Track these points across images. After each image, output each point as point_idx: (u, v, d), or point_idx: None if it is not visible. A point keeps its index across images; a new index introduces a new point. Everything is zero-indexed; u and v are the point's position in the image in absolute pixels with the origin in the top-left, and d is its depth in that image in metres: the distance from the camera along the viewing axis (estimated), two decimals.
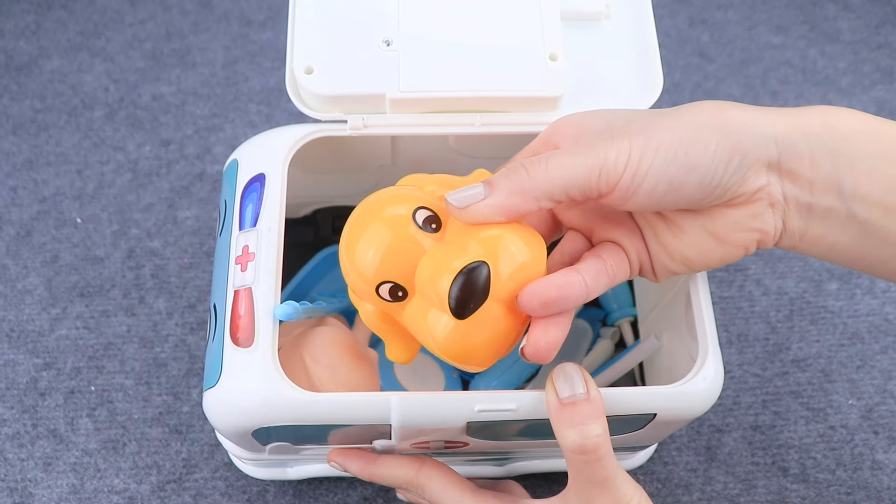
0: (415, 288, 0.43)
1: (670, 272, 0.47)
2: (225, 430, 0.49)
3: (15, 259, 0.75)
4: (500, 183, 0.42)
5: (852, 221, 0.43)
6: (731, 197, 0.42)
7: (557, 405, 0.45)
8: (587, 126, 0.46)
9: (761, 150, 0.41)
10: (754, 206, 0.43)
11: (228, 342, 0.47)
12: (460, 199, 0.42)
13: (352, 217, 0.45)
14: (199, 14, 0.89)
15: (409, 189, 0.45)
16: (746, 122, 0.41)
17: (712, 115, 0.41)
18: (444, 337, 0.42)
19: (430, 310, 0.43)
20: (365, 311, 0.46)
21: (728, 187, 0.42)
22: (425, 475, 0.52)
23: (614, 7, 0.58)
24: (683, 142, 0.41)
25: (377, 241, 0.43)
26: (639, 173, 0.41)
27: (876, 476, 0.69)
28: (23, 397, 0.70)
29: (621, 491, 0.46)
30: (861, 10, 0.93)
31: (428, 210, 0.44)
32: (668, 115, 0.42)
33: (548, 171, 0.42)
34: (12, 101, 0.84)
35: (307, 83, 0.52)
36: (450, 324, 0.42)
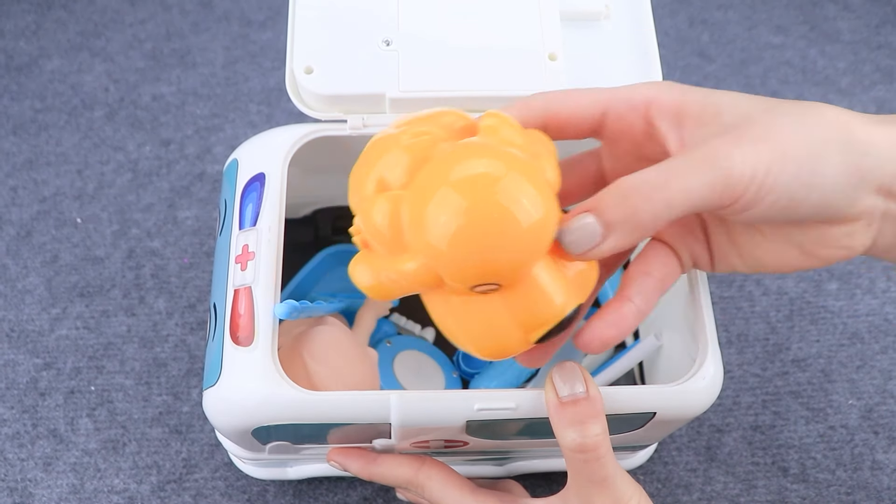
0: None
1: (732, 269, 0.45)
2: (225, 430, 0.49)
3: (15, 259, 0.75)
4: (616, 219, 0.38)
5: None
6: (834, 216, 0.40)
7: (557, 404, 0.45)
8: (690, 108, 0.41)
9: (878, 174, 0.39)
10: (853, 225, 0.41)
11: (228, 341, 0.47)
12: (576, 243, 0.39)
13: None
14: (199, 14, 0.89)
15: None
16: (870, 140, 0.39)
17: (838, 128, 0.39)
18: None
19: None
20: None
21: (839, 208, 0.40)
22: (425, 475, 0.52)
23: (614, 7, 0.58)
24: (811, 157, 0.38)
25: None
26: (764, 187, 0.38)
27: (876, 476, 0.69)
28: (23, 397, 0.70)
29: (620, 490, 0.46)
30: (861, 10, 0.93)
31: None
32: (790, 117, 0.39)
33: (669, 198, 0.38)
34: (12, 101, 0.84)
35: (307, 83, 0.52)
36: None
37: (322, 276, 0.68)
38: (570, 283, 0.40)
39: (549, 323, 0.39)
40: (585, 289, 0.40)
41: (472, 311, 0.40)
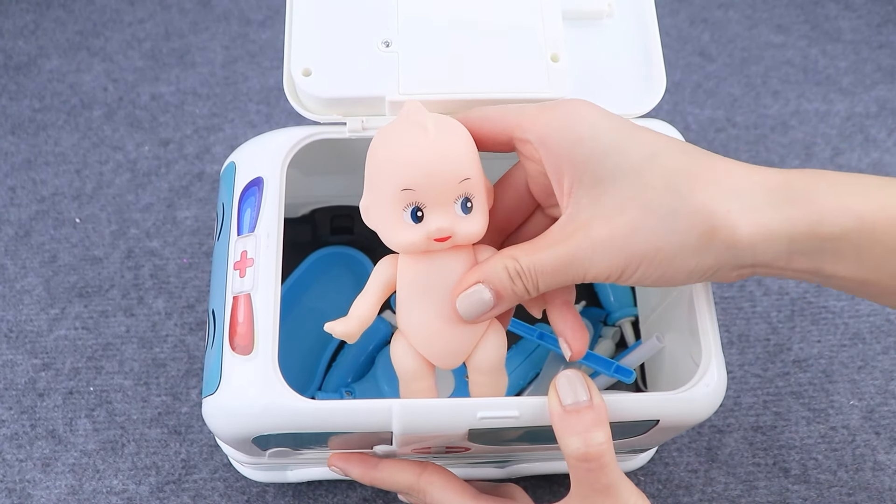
0: None
1: None
2: (225, 437, 0.49)
3: (13, 259, 0.75)
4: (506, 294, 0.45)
5: (828, 284, 0.44)
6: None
7: (560, 412, 0.44)
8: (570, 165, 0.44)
9: (738, 262, 0.42)
10: (715, 281, 0.45)
11: (227, 349, 0.46)
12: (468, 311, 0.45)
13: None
14: (198, 13, 0.89)
15: None
16: (733, 243, 0.41)
17: (702, 236, 0.41)
18: None
19: None
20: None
21: (693, 283, 0.46)
22: (426, 480, 0.52)
23: (617, 5, 0.57)
24: (665, 262, 0.42)
25: None
26: (619, 280, 0.44)
27: (877, 477, 0.69)
28: (21, 398, 0.70)
29: (623, 498, 0.46)
30: (862, 10, 0.93)
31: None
32: (660, 222, 0.42)
33: (540, 283, 0.44)
34: (11, 101, 0.83)
35: (305, 85, 0.52)
36: None
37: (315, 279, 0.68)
38: None
39: None
40: None
41: None
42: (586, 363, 0.61)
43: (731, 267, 0.42)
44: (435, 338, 0.46)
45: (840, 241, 0.41)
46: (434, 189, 0.44)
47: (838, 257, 0.41)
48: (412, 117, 0.45)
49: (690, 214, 0.41)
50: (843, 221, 0.41)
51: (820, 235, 0.41)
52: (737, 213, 0.41)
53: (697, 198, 0.42)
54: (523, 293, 0.45)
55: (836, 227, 0.41)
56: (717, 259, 0.42)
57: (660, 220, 0.42)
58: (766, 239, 0.41)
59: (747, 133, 0.85)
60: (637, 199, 0.42)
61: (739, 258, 0.42)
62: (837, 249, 0.41)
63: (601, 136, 0.43)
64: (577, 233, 0.43)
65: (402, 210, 0.44)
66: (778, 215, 0.41)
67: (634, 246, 0.42)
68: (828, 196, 0.41)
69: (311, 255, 0.68)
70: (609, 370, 0.61)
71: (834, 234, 0.41)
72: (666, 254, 0.42)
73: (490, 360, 0.47)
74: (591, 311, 0.70)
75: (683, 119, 0.85)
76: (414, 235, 0.44)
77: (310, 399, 0.45)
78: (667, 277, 0.43)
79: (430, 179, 0.43)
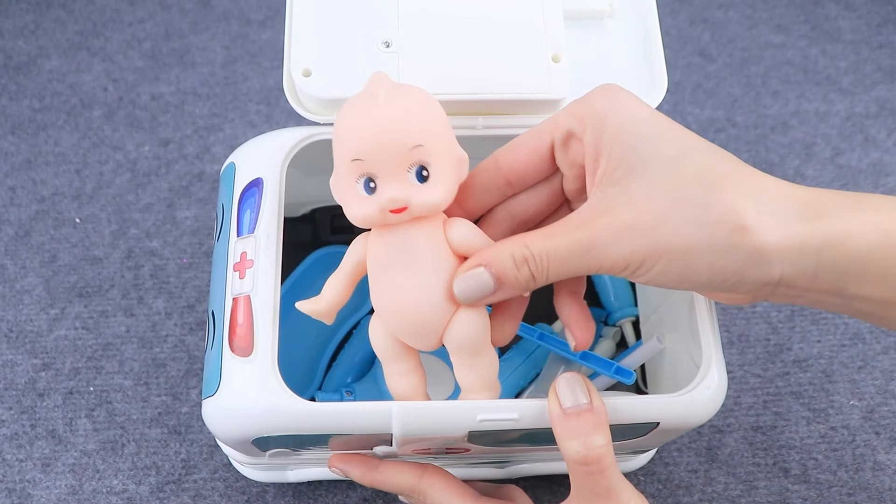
0: None
1: None
2: (225, 439, 0.49)
3: (13, 259, 0.75)
4: (508, 280, 0.43)
5: (846, 308, 0.43)
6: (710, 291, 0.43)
7: (560, 415, 0.44)
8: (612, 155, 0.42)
9: (762, 274, 0.40)
10: (734, 294, 0.44)
11: (227, 351, 0.46)
12: (466, 293, 0.44)
13: None
14: (198, 13, 0.89)
15: None
16: (761, 248, 0.39)
17: (731, 234, 0.39)
18: None
19: None
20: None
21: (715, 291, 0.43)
22: (427, 482, 0.52)
23: (617, 6, 0.57)
24: (689, 257, 0.40)
25: None
26: (637, 272, 0.41)
27: (877, 477, 0.69)
28: (21, 398, 0.70)
29: (624, 501, 0.46)
30: (862, 10, 0.93)
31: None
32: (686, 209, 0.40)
33: (550, 270, 0.42)
34: (11, 101, 0.83)
35: (305, 86, 0.51)
36: None
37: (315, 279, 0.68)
38: None
39: None
40: None
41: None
42: (586, 364, 0.61)
43: (755, 281, 0.40)
44: (401, 313, 0.44)
45: (866, 260, 0.40)
46: (382, 157, 0.42)
47: (863, 276, 0.40)
48: (369, 87, 0.44)
49: (722, 210, 0.40)
50: (871, 238, 0.40)
51: (847, 253, 0.40)
52: (767, 217, 0.40)
53: (729, 195, 0.40)
54: (527, 281, 0.43)
55: (863, 244, 0.40)
56: (744, 264, 0.40)
57: (690, 211, 0.40)
58: (796, 249, 0.40)
59: (747, 133, 0.85)
60: (667, 188, 0.40)
61: (765, 270, 0.40)
62: (863, 268, 0.40)
63: (639, 126, 0.42)
64: (599, 218, 0.41)
65: (356, 182, 0.43)
66: (807, 228, 0.40)
67: (660, 235, 0.40)
68: (855, 213, 0.40)
69: (311, 254, 0.68)
70: (609, 371, 0.61)
71: (860, 252, 0.40)
72: (692, 247, 0.40)
73: (466, 337, 0.45)
74: (591, 311, 0.70)
75: (683, 119, 0.85)
76: (368, 207, 0.43)
77: (309, 401, 0.45)
78: (687, 276, 0.41)
79: (377, 147, 0.42)
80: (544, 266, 0.42)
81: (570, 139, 0.44)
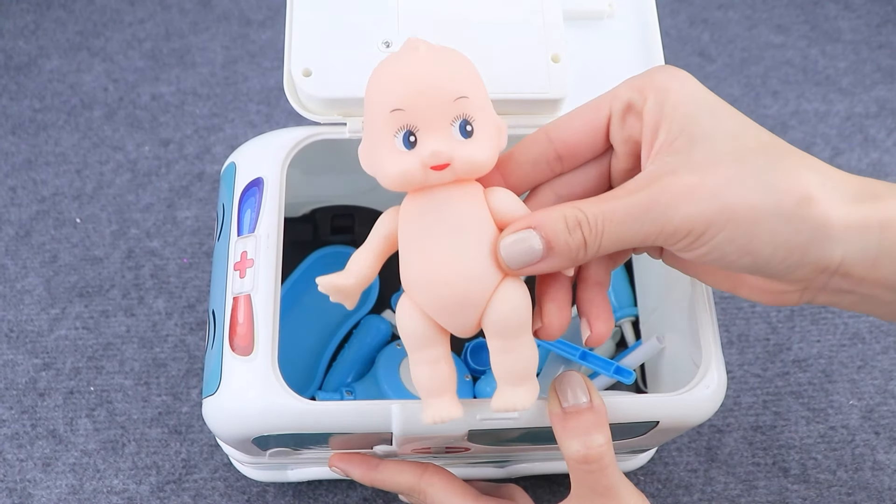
0: None
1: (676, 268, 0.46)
2: (225, 438, 0.49)
3: (14, 259, 0.75)
4: (559, 246, 0.40)
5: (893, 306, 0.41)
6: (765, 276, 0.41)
7: (560, 414, 0.44)
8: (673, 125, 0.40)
9: (822, 255, 0.39)
10: (784, 285, 0.41)
11: (227, 350, 0.46)
12: (514, 258, 0.40)
13: None
14: (198, 14, 0.89)
15: None
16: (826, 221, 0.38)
17: (797, 202, 0.38)
18: None
19: None
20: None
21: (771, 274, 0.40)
22: (427, 482, 0.52)
23: (617, 6, 0.57)
24: (756, 224, 0.38)
25: None
26: (698, 241, 0.39)
27: (877, 476, 0.69)
28: (22, 397, 0.70)
29: (624, 500, 0.46)
30: (862, 10, 0.93)
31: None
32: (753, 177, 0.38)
33: (605, 236, 0.39)
34: (11, 101, 0.84)
35: (305, 86, 0.51)
36: None
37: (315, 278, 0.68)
38: None
39: None
40: None
41: None
42: (586, 363, 0.61)
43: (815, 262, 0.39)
44: (440, 285, 0.40)
45: None
46: (425, 106, 0.39)
47: None
48: (407, 44, 0.41)
49: (790, 178, 0.38)
50: None
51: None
52: (829, 192, 0.38)
53: (795, 166, 0.39)
54: (579, 248, 0.40)
55: None
56: (809, 238, 0.38)
57: (757, 176, 0.38)
58: (859, 226, 0.38)
59: None
60: (733, 155, 0.39)
61: (827, 250, 0.38)
62: None
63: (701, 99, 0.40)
64: (661, 179, 0.39)
65: (394, 136, 0.40)
66: (867, 206, 0.39)
67: (727, 198, 0.38)
68: None
69: (312, 254, 0.68)
70: (609, 371, 0.61)
71: None
72: (758, 214, 0.38)
73: (510, 313, 0.41)
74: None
75: None
76: (408, 163, 0.40)
77: (309, 400, 0.45)
78: (750, 247, 0.38)
79: (419, 95, 0.39)
80: (599, 230, 0.39)
81: (629, 112, 0.42)
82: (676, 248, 0.39)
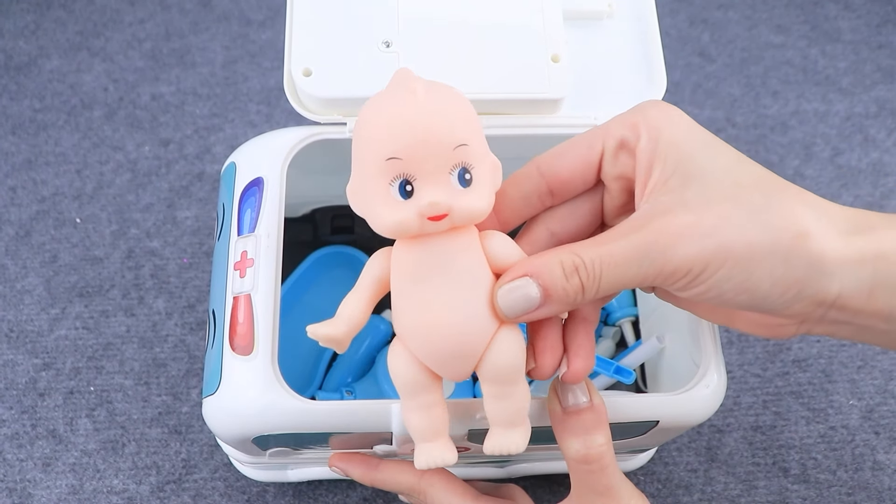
0: None
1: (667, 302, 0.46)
2: (225, 437, 0.49)
3: (14, 259, 0.75)
4: (557, 293, 0.39)
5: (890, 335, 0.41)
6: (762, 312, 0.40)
7: (560, 414, 0.44)
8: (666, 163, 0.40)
9: (821, 288, 0.39)
10: (784, 319, 0.41)
11: (228, 349, 0.46)
12: (512, 307, 0.40)
13: None
14: (198, 14, 0.89)
15: None
16: (822, 256, 0.38)
17: (792, 237, 0.38)
18: None
19: None
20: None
21: (768, 310, 0.40)
22: (427, 482, 0.52)
23: (617, 6, 0.57)
24: (753, 262, 0.38)
25: None
26: (696, 280, 0.38)
27: (877, 476, 0.69)
28: (22, 397, 0.70)
29: (624, 499, 0.46)
30: (862, 10, 0.93)
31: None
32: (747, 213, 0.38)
33: (603, 280, 0.39)
34: (11, 101, 0.84)
35: (305, 86, 0.52)
36: None
37: (316, 279, 0.68)
38: None
39: None
40: None
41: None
42: None
43: (812, 296, 0.39)
44: (436, 334, 0.39)
45: None
46: (424, 156, 0.38)
47: None
48: (401, 82, 0.39)
49: (784, 215, 0.38)
50: None
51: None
52: (825, 226, 0.38)
53: (788, 202, 0.39)
54: (576, 293, 0.39)
55: None
56: (805, 273, 0.38)
57: (752, 214, 0.38)
58: (854, 260, 0.38)
59: (747, 133, 0.85)
60: (726, 193, 0.39)
61: (825, 285, 0.38)
62: None
63: (694, 137, 0.40)
64: (657, 219, 0.38)
65: (389, 185, 0.38)
66: (861, 239, 0.39)
67: (724, 236, 0.37)
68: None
69: (312, 254, 0.68)
70: (609, 370, 0.61)
71: None
72: (755, 251, 0.37)
73: (507, 362, 0.40)
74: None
75: None
76: (403, 213, 0.38)
77: (309, 399, 0.45)
78: (748, 284, 0.38)
79: (418, 144, 0.37)
80: (596, 275, 0.39)
81: (621, 149, 0.42)
82: (674, 288, 0.39)
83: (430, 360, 0.40)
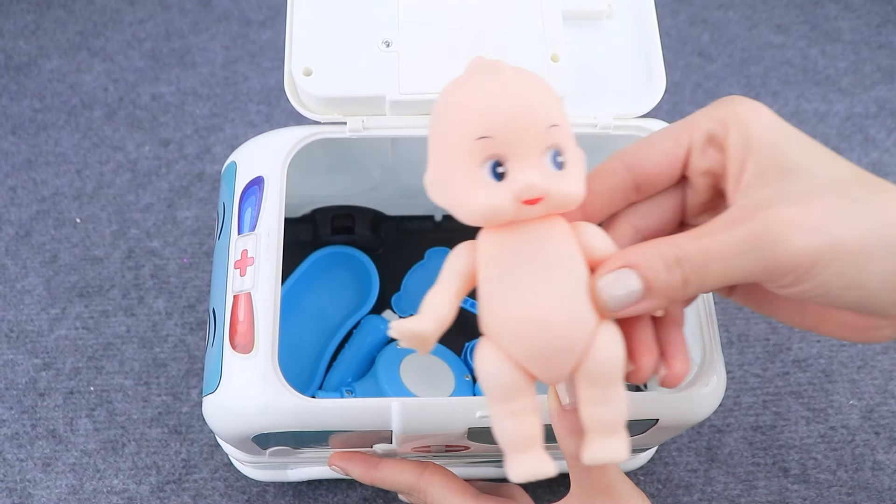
0: None
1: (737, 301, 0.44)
2: (225, 436, 0.49)
3: (14, 259, 0.75)
4: (659, 286, 0.37)
5: None
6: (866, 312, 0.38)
7: (559, 412, 0.44)
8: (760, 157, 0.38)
9: None
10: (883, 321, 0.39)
11: (228, 348, 0.46)
12: (614, 299, 0.37)
13: None
14: (198, 14, 0.89)
15: None
16: None
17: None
18: None
19: None
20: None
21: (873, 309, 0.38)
22: (427, 480, 0.52)
23: (617, 6, 0.57)
24: (865, 256, 0.36)
25: None
26: (804, 276, 0.36)
27: (877, 476, 0.69)
28: (22, 397, 0.70)
29: (623, 498, 0.46)
30: (862, 10, 0.93)
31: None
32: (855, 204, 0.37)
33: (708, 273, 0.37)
34: (11, 101, 0.84)
35: (306, 85, 0.52)
36: None
37: (316, 279, 0.68)
38: None
39: None
40: None
41: None
42: None
43: None
44: (535, 328, 0.36)
45: None
46: (518, 134, 0.35)
47: None
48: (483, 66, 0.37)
49: (888, 208, 0.37)
50: None
51: None
52: None
53: (891, 196, 0.37)
54: (678, 287, 0.37)
55: None
56: None
57: (859, 209, 0.36)
58: None
59: None
60: (830, 186, 0.37)
61: None
62: None
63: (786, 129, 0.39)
64: (760, 213, 0.36)
65: (479, 167, 0.36)
66: None
67: (833, 230, 0.35)
68: None
69: (312, 254, 0.68)
70: None
71: None
72: (866, 246, 0.36)
73: (609, 362, 0.37)
74: None
75: None
76: (497, 197, 0.35)
77: (310, 398, 0.45)
78: (858, 281, 0.36)
79: (512, 122, 0.35)
80: (701, 268, 0.37)
81: (710, 144, 0.40)
82: (779, 285, 0.37)
83: (530, 358, 0.37)
